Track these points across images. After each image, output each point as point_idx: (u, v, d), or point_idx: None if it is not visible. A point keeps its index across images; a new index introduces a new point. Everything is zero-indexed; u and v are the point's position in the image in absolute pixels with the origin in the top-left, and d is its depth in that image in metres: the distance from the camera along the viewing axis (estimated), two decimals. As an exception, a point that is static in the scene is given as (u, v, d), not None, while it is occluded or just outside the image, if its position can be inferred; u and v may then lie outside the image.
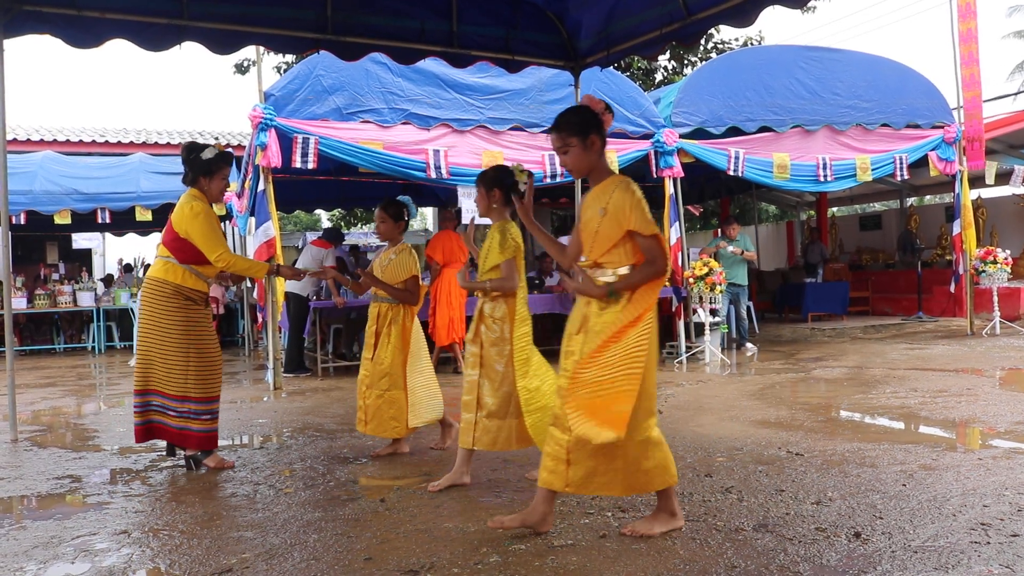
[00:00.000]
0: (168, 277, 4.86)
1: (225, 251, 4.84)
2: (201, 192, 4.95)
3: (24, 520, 4.01)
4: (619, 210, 3.32)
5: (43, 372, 11.24)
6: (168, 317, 4.83)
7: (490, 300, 4.39)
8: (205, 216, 4.84)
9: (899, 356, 9.80)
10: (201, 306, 4.94)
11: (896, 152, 11.63)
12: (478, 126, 9.64)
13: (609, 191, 3.39)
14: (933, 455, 4.73)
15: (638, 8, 6.55)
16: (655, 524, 3.48)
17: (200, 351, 4.88)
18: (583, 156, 3.45)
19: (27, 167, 13.02)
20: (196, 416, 4.87)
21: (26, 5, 5.68)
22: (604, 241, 3.37)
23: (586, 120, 3.44)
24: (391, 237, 5.35)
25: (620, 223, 3.32)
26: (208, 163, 4.92)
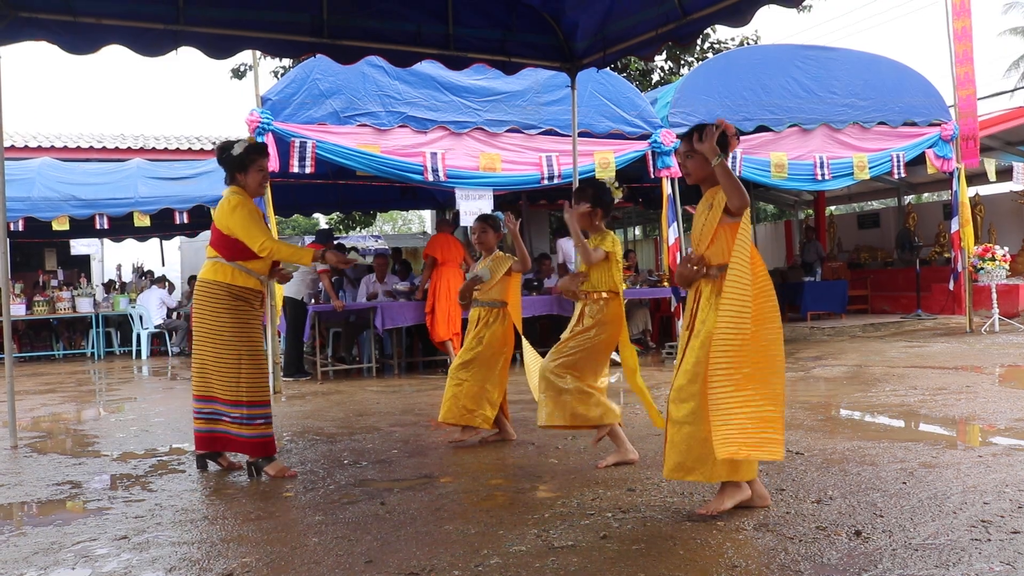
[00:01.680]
0: (217, 277, 4.76)
1: (268, 239, 4.71)
2: (240, 188, 4.87)
3: (24, 526, 4.00)
4: (722, 199, 3.63)
5: (42, 378, 11.23)
6: (219, 319, 4.73)
7: (592, 303, 4.75)
8: (242, 207, 4.74)
9: (898, 354, 9.80)
10: (253, 306, 4.83)
11: (893, 150, 11.65)
12: (475, 128, 9.65)
13: (717, 191, 3.68)
14: (933, 453, 4.74)
15: (634, 9, 6.56)
16: (725, 499, 3.68)
17: (253, 353, 4.77)
18: (704, 165, 3.73)
19: (25, 174, 13.01)
20: (250, 421, 4.75)
21: (22, 12, 5.67)
22: (706, 234, 3.72)
23: (721, 139, 3.69)
24: (491, 248, 5.77)
25: (719, 208, 3.65)
26: (240, 158, 4.83)
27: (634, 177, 12.14)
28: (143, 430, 6.70)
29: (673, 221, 10.59)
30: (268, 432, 4.81)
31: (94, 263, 20.17)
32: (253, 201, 4.88)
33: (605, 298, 4.70)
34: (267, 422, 4.81)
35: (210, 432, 4.83)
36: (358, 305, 10.21)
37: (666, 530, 3.50)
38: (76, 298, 14.44)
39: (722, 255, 3.64)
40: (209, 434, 4.84)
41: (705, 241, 3.72)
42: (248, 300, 4.78)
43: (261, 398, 4.79)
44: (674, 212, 10.62)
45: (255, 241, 4.68)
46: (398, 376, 10.06)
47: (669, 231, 10.63)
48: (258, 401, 4.77)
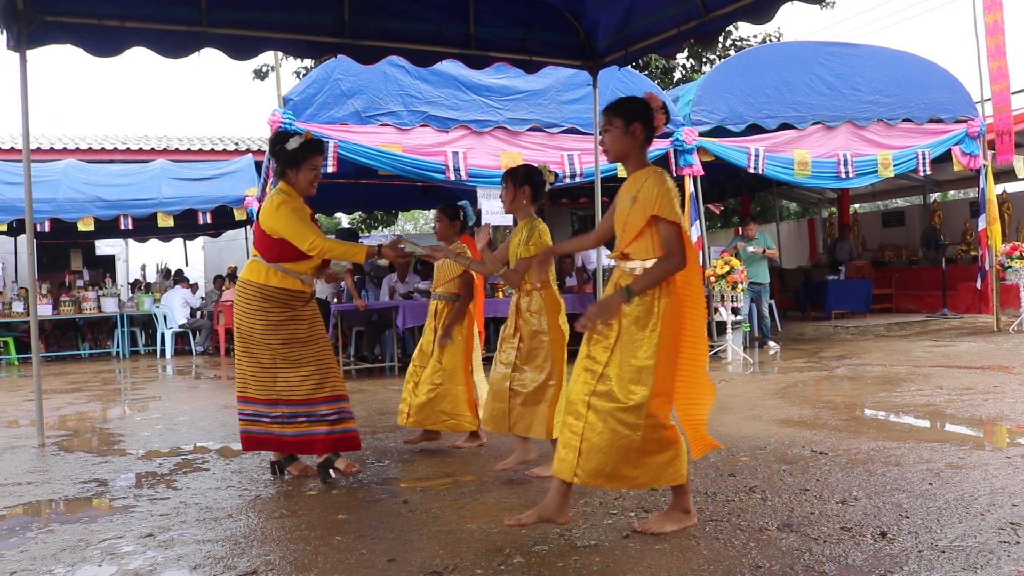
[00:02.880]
0: (252, 277, 4.59)
1: (317, 238, 4.45)
2: (289, 185, 4.62)
3: (52, 523, 4.05)
4: (648, 197, 3.37)
5: (69, 378, 11.35)
6: (250, 320, 4.56)
7: (525, 294, 4.59)
8: (286, 206, 4.50)
9: (924, 353, 9.71)
10: (293, 308, 4.59)
11: (919, 147, 11.54)
12: (497, 127, 9.65)
13: (642, 180, 3.45)
14: (960, 454, 4.68)
15: (656, 7, 6.53)
16: (667, 522, 3.48)
17: (288, 352, 4.56)
18: (621, 140, 3.50)
19: (51, 175, 13.14)
20: (291, 420, 4.61)
21: (48, 16, 5.73)
22: (632, 229, 3.42)
23: (637, 108, 3.50)
24: (446, 237, 5.51)
25: (646, 209, 3.36)
26: (294, 154, 4.57)
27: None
28: (168, 429, 6.75)
29: (695, 220, 10.54)
30: (313, 431, 4.60)
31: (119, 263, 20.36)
32: (301, 199, 4.65)
33: (539, 288, 4.56)
34: (311, 421, 4.59)
35: (249, 433, 4.70)
36: (380, 304, 10.24)
37: (689, 529, 3.49)
38: (101, 298, 14.56)
39: (648, 251, 3.40)
40: (250, 435, 4.71)
41: (629, 236, 3.45)
42: (284, 302, 4.57)
43: (300, 396, 4.57)
44: (696, 211, 10.57)
45: (304, 240, 4.44)
46: (420, 375, 10.06)
47: (692, 230, 10.58)
48: (297, 400, 4.57)
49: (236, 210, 13.41)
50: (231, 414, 7.33)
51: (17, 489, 4.79)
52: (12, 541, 3.74)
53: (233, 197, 13.35)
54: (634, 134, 3.49)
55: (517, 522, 3.47)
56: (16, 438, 6.52)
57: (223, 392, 9.18)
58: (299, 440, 4.63)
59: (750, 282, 10.47)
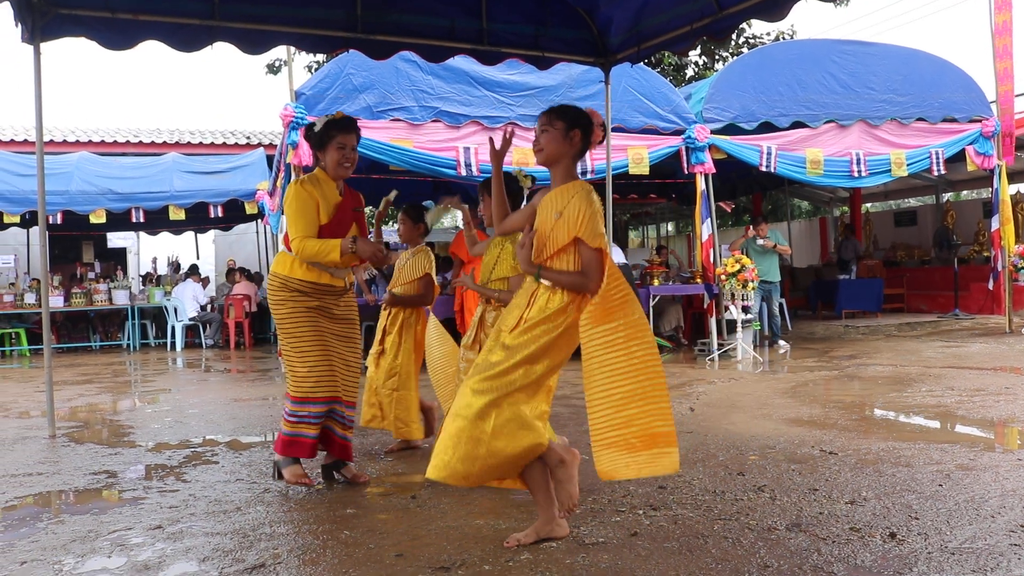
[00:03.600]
0: (277, 268, 4.38)
1: (299, 237, 4.21)
2: (322, 170, 4.44)
3: (63, 514, 4.07)
4: (573, 216, 3.25)
5: (80, 369, 11.40)
6: (276, 311, 4.37)
7: (493, 309, 4.40)
8: (294, 196, 4.28)
9: (935, 354, 9.67)
10: (321, 301, 4.36)
11: (932, 147, 11.48)
12: (508, 123, 9.63)
13: (568, 195, 3.32)
14: (970, 455, 4.66)
15: (669, 4, 6.52)
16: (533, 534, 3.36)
17: (296, 346, 4.32)
18: (559, 143, 3.38)
19: (64, 168, 13.23)
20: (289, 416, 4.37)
21: (62, 9, 5.76)
22: (553, 244, 3.31)
23: (578, 116, 3.41)
24: (410, 239, 5.46)
25: (571, 229, 3.26)
26: (319, 135, 4.39)
27: (667, 173, 12.07)
28: (177, 421, 6.78)
29: (707, 217, 10.52)
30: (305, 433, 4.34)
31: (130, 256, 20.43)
32: (333, 185, 4.42)
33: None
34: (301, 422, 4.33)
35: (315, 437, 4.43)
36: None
37: (697, 528, 3.48)
38: (112, 290, 14.63)
39: (567, 267, 3.29)
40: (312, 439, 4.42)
41: (551, 250, 3.31)
42: (308, 293, 4.33)
43: (297, 394, 4.32)
44: (708, 209, 10.54)
45: (292, 235, 4.25)
46: (429, 370, 10.07)
47: (702, 227, 10.56)
48: (295, 397, 4.33)
49: (247, 204, 13.46)
50: (240, 407, 7.36)
51: (28, 479, 4.82)
52: (23, 531, 3.76)
53: (244, 191, 13.40)
54: (572, 140, 3.39)
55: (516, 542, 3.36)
56: (27, 429, 6.55)
57: (233, 385, 9.21)
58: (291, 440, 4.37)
59: (761, 280, 10.44)
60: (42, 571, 3.22)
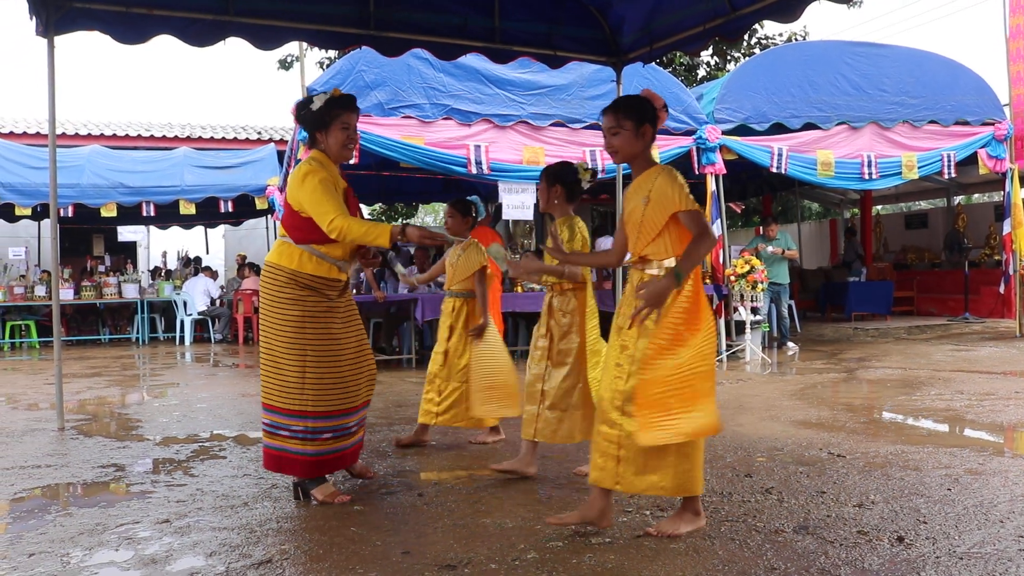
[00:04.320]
0: (283, 261, 4.01)
1: (339, 216, 3.85)
2: (321, 152, 4.09)
3: (71, 507, 4.08)
4: (663, 195, 3.34)
5: (89, 362, 11.44)
6: (282, 311, 3.97)
7: (559, 294, 4.46)
8: (312, 177, 3.93)
9: (944, 357, 9.63)
10: (328, 297, 4.06)
11: (944, 149, 11.43)
12: (519, 122, 9.64)
13: (652, 179, 3.41)
14: (979, 459, 4.64)
15: (681, 3, 6.49)
16: (681, 524, 3.46)
17: (320, 354, 4.00)
18: (632, 141, 3.48)
19: (75, 161, 13.27)
20: (315, 436, 3.99)
21: (76, 2, 5.76)
22: (648, 231, 3.39)
23: (644, 108, 3.49)
24: (459, 232, 5.47)
25: (665, 207, 3.33)
26: (319, 114, 4.03)
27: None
28: (185, 415, 6.80)
29: (717, 218, 10.50)
30: (334, 448, 4.07)
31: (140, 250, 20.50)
32: (335, 168, 4.11)
33: (572, 290, 4.44)
34: (337, 436, 4.07)
35: (268, 448, 4.08)
36: (399, 296, 10.26)
37: (704, 529, 3.47)
38: (122, 284, 14.69)
39: (665, 251, 3.38)
40: (270, 451, 4.07)
41: (647, 238, 3.40)
42: (319, 290, 4.02)
43: (328, 408, 4.01)
44: (718, 209, 10.52)
45: (325, 218, 3.86)
46: (437, 368, 10.07)
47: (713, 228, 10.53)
48: (324, 412, 4.00)
49: (258, 199, 13.50)
50: (248, 402, 7.38)
51: (36, 472, 4.84)
52: (31, 523, 3.78)
53: (255, 186, 13.43)
54: (644, 135, 3.48)
55: (559, 521, 3.48)
56: (36, 421, 6.58)
57: (241, 380, 9.23)
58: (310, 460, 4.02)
59: (770, 282, 10.42)
60: (50, 563, 3.24)
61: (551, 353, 4.42)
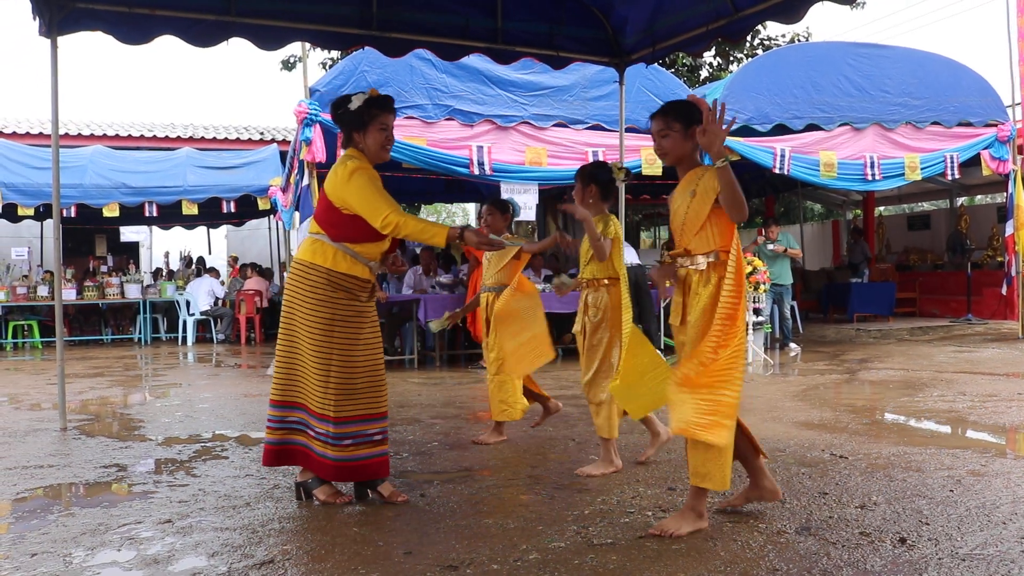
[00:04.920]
0: (317, 260, 3.91)
1: (392, 212, 3.78)
2: (359, 152, 4.03)
3: (73, 507, 4.09)
4: (709, 187, 3.48)
5: (91, 362, 11.45)
6: (314, 310, 3.88)
7: (594, 290, 4.58)
8: (362, 173, 3.87)
9: (947, 359, 9.62)
10: (359, 299, 3.98)
11: (947, 151, 11.42)
12: (522, 122, 9.65)
13: (698, 175, 3.57)
14: (982, 461, 4.64)
15: (684, 4, 6.50)
16: (683, 523, 3.47)
17: (345, 357, 3.91)
18: (681, 143, 3.63)
19: (78, 161, 13.28)
20: (337, 441, 3.87)
21: (79, 2, 5.78)
22: (693, 224, 3.54)
23: (691, 112, 3.60)
24: (499, 230, 5.57)
25: (708, 196, 3.47)
26: (359, 113, 3.99)
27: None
28: (188, 416, 6.80)
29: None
30: (357, 455, 3.93)
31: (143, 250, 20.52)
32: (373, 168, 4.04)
33: (606, 285, 4.54)
34: (358, 443, 3.93)
35: (282, 445, 4.00)
36: (402, 297, 10.26)
37: (707, 530, 3.47)
38: (125, 284, 14.70)
39: (709, 243, 3.52)
40: (279, 447, 4.00)
41: (691, 231, 3.54)
42: (351, 290, 3.95)
43: (352, 413, 3.91)
44: (720, 210, 10.51)
45: (378, 215, 3.78)
46: (439, 368, 10.10)
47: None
48: (347, 417, 3.89)
49: (260, 199, 13.50)
50: (251, 402, 7.38)
51: (39, 472, 4.84)
52: (33, 523, 3.78)
53: (257, 186, 13.44)
54: (692, 137, 3.58)
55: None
56: (39, 421, 6.59)
57: (243, 380, 9.24)
58: (341, 465, 3.91)
59: (772, 283, 10.41)
60: (52, 563, 3.24)
61: (584, 349, 4.61)
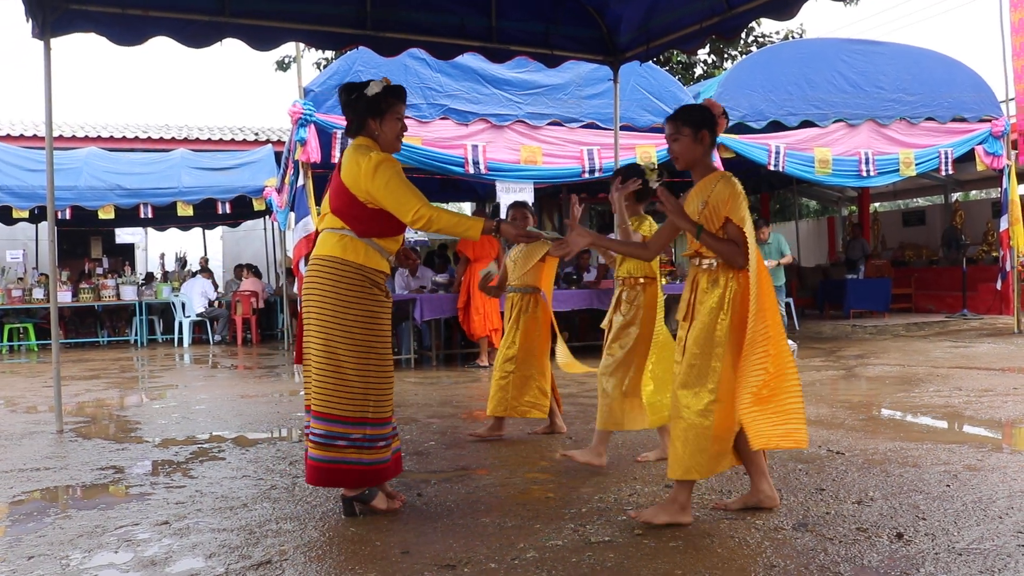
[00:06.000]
0: (348, 256, 3.70)
1: (423, 205, 3.66)
2: (372, 140, 3.80)
3: (70, 509, 4.08)
4: (719, 200, 3.50)
5: (87, 364, 11.43)
6: (346, 309, 3.67)
7: (630, 288, 4.59)
8: (388, 165, 3.68)
9: (943, 354, 9.64)
10: (385, 294, 3.81)
11: (941, 146, 11.44)
12: (516, 121, 9.65)
13: (712, 184, 3.57)
14: (978, 455, 4.64)
15: (679, 2, 6.51)
16: (661, 513, 3.52)
17: (382, 355, 3.76)
18: (691, 147, 3.64)
19: (72, 163, 13.25)
20: (371, 444, 3.72)
21: (72, 4, 5.77)
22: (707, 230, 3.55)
23: (703, 116, 3.65)
24: None
25: (719, 212, 3.49)
26: (376, 100, 3.76)
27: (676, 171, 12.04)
28: (184, 417, 6.79)
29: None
30: (383, 457, 3.79)
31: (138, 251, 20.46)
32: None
33: (642, 284, 4.56)
34: (387, 443, 3.81)
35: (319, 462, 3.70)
36: (397, 297, 10.25)
37: (704, 527, 3.48)
38: (120, 286, 14.68)
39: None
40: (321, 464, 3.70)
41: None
42: (381, 286, 3.79)
43: (384, 414, 3.78)
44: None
45: (408, 209, 3.64)
46: (436, 368, 10.09)
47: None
48: (381, 419, 3.76)
49: (255, 200, 13.49)
50: (247, 404, 7.38)
51: (35, 474, 4.83)
52: (30, 526, 3.77)
53: (252, 187, 13.43)
54: (703, 141, 3.63)
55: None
56: (35, 424, 6.57)
57: (240, 381, 9.23)
58: (378, 468, 3.77)
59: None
60: (49, 566, 3.23)
61: (609, 340, 4.61)
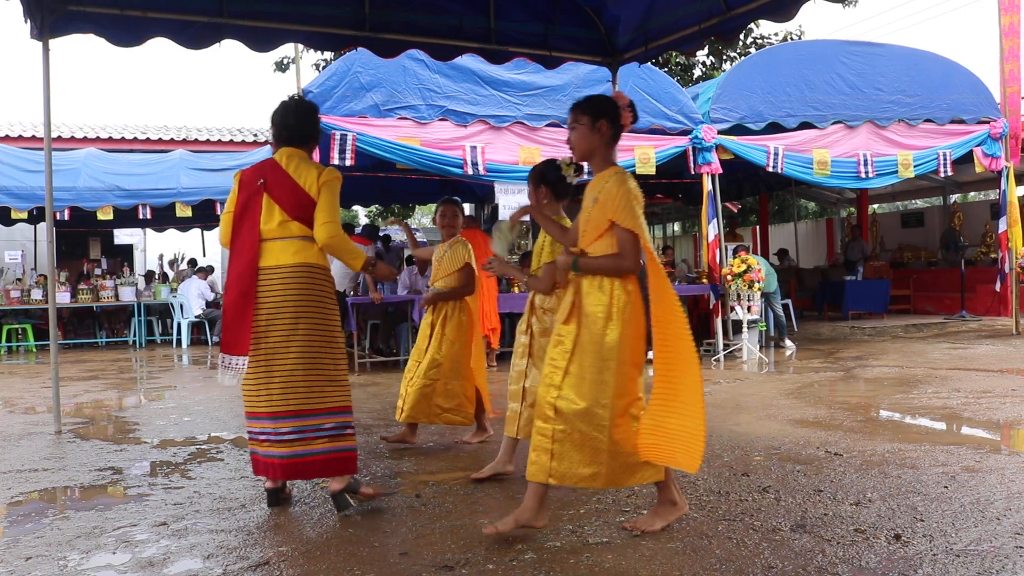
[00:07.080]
0: (322, 261, 3.95)
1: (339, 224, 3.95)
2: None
3: (68, 510, 4.08)
4: (608, 199, 3.35)
5: (86, 365, 11.42)
6: (330, 311, 3.93)
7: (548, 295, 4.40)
8: (338, 183, 4.03)
9: (941, 356, 9.64)
10: None
11: (940, 148, 11.45)
12: (515, 122, 9.64)
13: (604, 180, 3.41)
14: (976, 457, 4.65)
15: (677, 3, 6.51)
16: (656, 519, 3.46)
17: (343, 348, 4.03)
18: (587, 137, 3.48)
19: (71, 164, 13.24)
20: (341, 432, 3.89)
21: (71, 5, 5.77)
22: (593, 230, 3.41)
23: (603, 105, 3.48)
24: (457, 231, 5.48)
25: (605, 211, 3.35)
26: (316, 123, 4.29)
27: (674, 172, 12.05)
28: (182, 418, 6.79)
29: (713, 217, 10.51)
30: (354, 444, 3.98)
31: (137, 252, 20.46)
32: None
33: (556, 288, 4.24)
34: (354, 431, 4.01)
35: (295, 457, 3.82)
36: (396, 298, 10.25)
37: (702, 528, 3.48)
38: (119, 287, 14.66)
39: (607, 250, 3.37)
40: (295, 459, 3.82)
41: (590, 237, 3.42)
42: None
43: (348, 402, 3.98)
44: (714, 208, 10.53)
45: (336, 223, 3.91)
46: (434, 369, 10.07)
47: (709, 227, 10.54)
48: (348, 407, 3.97)
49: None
50: (246, 404, 7.36)
51: (33, 475, 4.83)
52: (28, 527, 3.77)
53: (251, 188, 13.39)
54: (600, 131, 3.45)
55: (495, 530, 3.35)
56: (33, 424, 6.57)
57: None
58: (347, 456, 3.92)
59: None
60: (47, 567, 3.23)
61: (532, 350, 4.39)
